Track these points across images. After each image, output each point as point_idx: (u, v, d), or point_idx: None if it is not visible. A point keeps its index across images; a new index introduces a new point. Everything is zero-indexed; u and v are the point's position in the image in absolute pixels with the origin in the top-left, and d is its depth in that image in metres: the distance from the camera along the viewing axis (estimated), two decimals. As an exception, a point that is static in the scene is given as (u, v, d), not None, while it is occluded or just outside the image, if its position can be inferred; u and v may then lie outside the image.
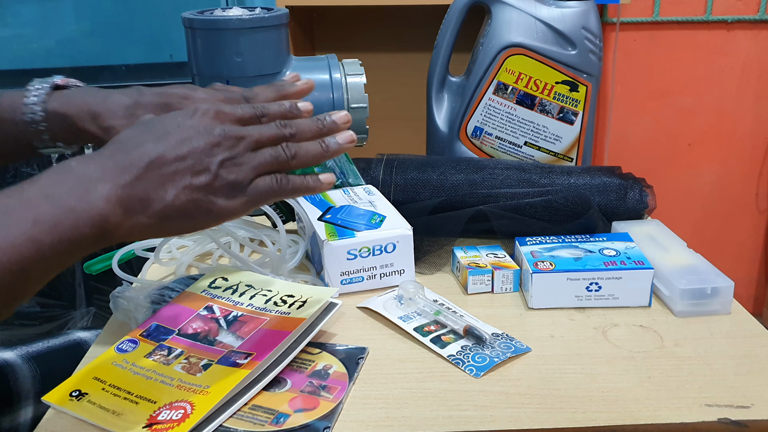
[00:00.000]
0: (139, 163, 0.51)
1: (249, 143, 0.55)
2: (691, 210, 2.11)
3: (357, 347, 0.66)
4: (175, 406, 0.56)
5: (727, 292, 0.71)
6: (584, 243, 0.78)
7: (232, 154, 0.54)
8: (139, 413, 0.56)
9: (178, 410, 0.55)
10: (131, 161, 0.51)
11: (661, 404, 0.58)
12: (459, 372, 0.63)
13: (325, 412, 0.57)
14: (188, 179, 0.52)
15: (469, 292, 0.77)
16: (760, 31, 1.94)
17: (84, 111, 0.64)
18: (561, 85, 1.02)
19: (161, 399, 0.57)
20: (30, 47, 1.85)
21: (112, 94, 0.65)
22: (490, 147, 1.06)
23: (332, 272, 0.75)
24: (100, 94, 0.65)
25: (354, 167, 0.87)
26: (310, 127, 0.58)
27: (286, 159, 0.56)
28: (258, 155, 0.55)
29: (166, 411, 0.55)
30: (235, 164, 0.54)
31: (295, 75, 0.69)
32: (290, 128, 0.57)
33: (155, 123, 0.55)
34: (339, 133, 0.59)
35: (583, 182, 0.88)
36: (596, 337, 0.68)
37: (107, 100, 0.65)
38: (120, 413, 0.56)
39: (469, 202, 0.87)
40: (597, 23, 1.02)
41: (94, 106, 0.64)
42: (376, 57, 1.87)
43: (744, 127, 2.03)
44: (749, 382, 0.61)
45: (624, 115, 2.00)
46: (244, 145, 0.55)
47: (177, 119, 0.54)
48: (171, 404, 0.56)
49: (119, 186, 0.50)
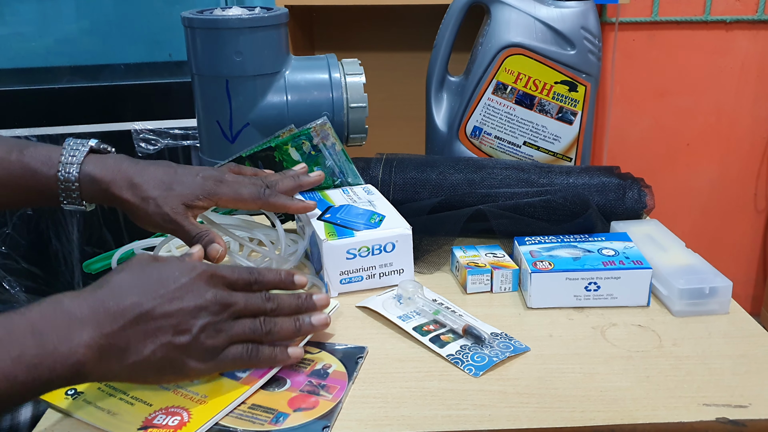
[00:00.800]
0: (128, 315, 0.53)
1: (232, 312, 0.58)
2: (690, 210, 2.11)
3: (356, 346, 0.66)
4: (171, 411, 0.56)
5: (726, 292, 0.72)
6: (583, 243, 0.78)
7: (215, 320, 0.56)
8: (135, 414, 0.56)
9: (174, 416, 0.55)
10: (121, 311, 0.53)
11: (659, 404, 0.58)
12: (458, 371, 0.63)
13: (324, 412, 0.57)
14: (169, 337, 0.54)
15: (468, 291, 0.77)
16: (759, 31, 1.94)
17: (122, 179, 0.69)
18: (560, 85, 1.02)
19: (157, 402, 0.57)
20: (29, 46, 1.85)
21: (149, 167, 0.71)
22: (489, 147, 1.07)
23: (331, 271, 0.75)
24: (137, 165, 0.71)
25: (353, 166, 0.87)
26: (290, 304, 0.62)
27: (261, 334, 0.59)
28: (237, 325, 0.58)
29: (162, 415, 0.56)
30: (215, 330, 0.56)
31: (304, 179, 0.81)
32: (272, 303, 0.61)
33: (152, 273, 0.57)
34: (315, 314, 0.63)
35: (581, 182, 0.88)
36: (595, 337, 0.68)
37: (145, 171, 0.70)
38: (115, 413, 0.56)
39: (468, 201, 0.87)
40: (596, 23, 1.02)
41: (133, 176, 0.69)
42: (376, 56, 1.87)
43: (742, 127, 2.03)
44: (747, 381, 0.61)
45: (623, 115, 2.01)
46: (227, 313, 0.57)
47: (174, 274, 0.57)
48: (167, 408, 0.56)
49: (103, 334, 0.52)
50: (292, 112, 0.95)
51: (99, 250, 1.73)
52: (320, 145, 0.83)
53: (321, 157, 0.84)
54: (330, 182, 0.87)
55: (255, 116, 0.94)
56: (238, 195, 0.73)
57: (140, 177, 0.69)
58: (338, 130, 0.95)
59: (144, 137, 1.65)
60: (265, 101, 0.94)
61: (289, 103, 0.94)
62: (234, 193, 0.73)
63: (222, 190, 0.72)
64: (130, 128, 1.65)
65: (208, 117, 0.96)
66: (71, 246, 1.74)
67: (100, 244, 1.74)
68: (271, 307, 0.60)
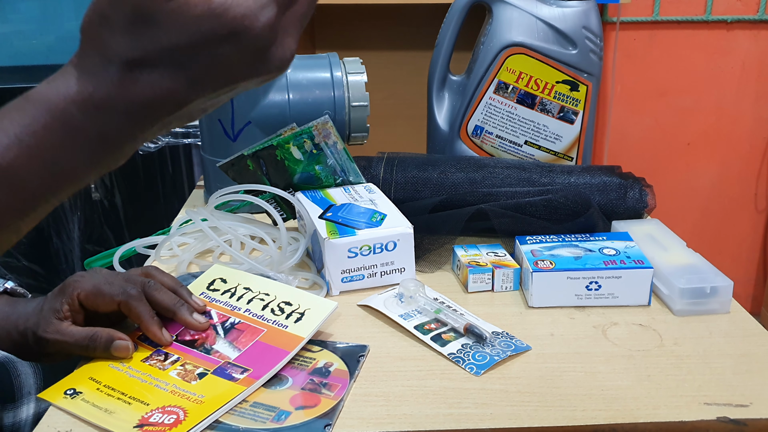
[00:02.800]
0: None
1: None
2: (691, 209, 2.11)
3: (358, 345, 0.66)
4: (167, 410, 0.56)
5: (726, 292, 0.72)
6: (584, 242, 0.79)
7: None
8: (132, 413, 0.56)
9: (170, 415, 0.56)
10: None
11: (660, 403, 0.58)
12: (459, 370, 0.63)
13: (326, 410, 0.57)
14: None
15: (469, 290, 0.77)
16: (760, 31, 1.94)
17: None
18: (561, 85, 1.02)
19: (154, 402, 0.57)
20: (30, 44, 1.85)
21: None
22: (490, 146, 1.07)
23: (333, 270, 0.75)
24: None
25: (355, 165, 0.87)
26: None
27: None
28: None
29: (159, 414, 0.56)
30: None
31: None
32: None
33: None
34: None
35: (583, 181, 0.88)
36: (596, 336, 0.68)
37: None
38: (112, 412, 0.56)
39: (469, 200, 0.87)
40: (597, 23, 1.02)
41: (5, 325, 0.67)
42: (377, 55, 1.87)
43: (743, 127, 2.03)
44: (748, 380, 0.61)
45: (624, 115, 2.01)
46: None
47: None
48: (164, 408, 0.56)
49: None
50: (293, 111, 0.95)
51: (100, 248, 1.73)
52: (322, 143, 0.83)
53: (322, 155, 0.84)
54: (331, 181, 0.87)
55: (257, 115, 0.94)
56: (96, 289, 0.64)
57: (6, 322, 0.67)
58: (340, 129, 0.95)
59: (145, 135, 1.65)
60: (267, 100, 0.94)
61: (291, 102, 0.95)
62: (92, 287, 0.65)
63: (79, 284, 0.65)
64: (131, 126, 1.65)
65: (209, 115, 0.96)
66: (72, 244, 1.75)
67: (101, 242, 1.74)
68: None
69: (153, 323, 0.64)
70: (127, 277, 0.66)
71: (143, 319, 0.64)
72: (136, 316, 0.64)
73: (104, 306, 0.64)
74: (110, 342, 0.63)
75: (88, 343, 0.62)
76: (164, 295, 0.66)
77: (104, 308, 0.64)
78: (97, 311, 0.64)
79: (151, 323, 0.64)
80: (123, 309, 0.64)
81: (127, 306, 0.64)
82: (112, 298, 0.63)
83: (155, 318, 0.65)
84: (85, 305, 0.64)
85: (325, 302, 0.69)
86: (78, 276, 0.65)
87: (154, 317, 0.64)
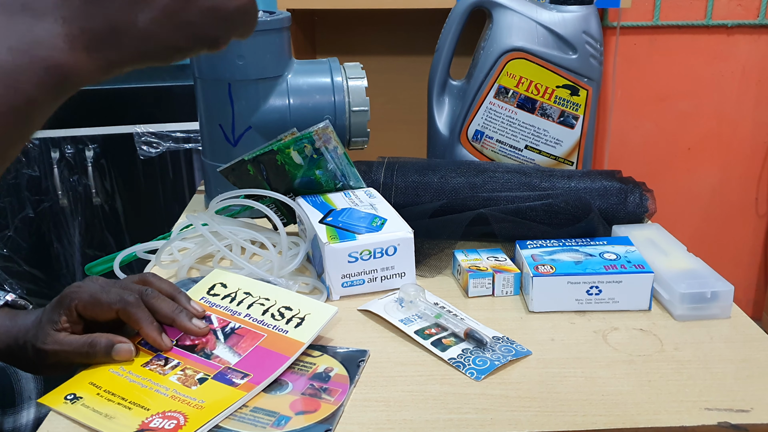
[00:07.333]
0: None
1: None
2: (691, 214, 2.11)
3: (358, 350, 0.66)
4: (168, 415, 0.56)
5: (727, 296, 0.72)
6: (585, 247, 0.79)
7: None
8: (132, 418, 0.56)
9: (171, 420, 0.55)
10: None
11: (661, 408, 0.58)
12: (460, 375, 0.63)
13: (326, 415, 0.57)
14: None
15: (469, 295, 0.77)
16: (760, 35, 1.94)
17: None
18: (561, 89, 1.02)
19: (154, 407, 0.57)
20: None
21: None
22: (490, 150, 1.07)
23: (333, 275, 0.75)
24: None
25: (355, 170, 0.87)
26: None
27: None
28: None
29: (159, 419, 0.56)
30: None
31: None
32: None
33: None
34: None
35: (583, 186, 0.88)
36: (596, 341, 0.68)
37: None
38: (112, 417, 0.56)
39: (469, 205, 0.87)
40: (598, 28, 1.03)
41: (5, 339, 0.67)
42: (378, 60, 1.87)
43: (744, 132, 2.03)
44: (749, 386, 0.61)
45: (624, 119, 2.01)
46: None
47: None
48: (164, 413, 0.56)
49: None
50: (294, 116, 0.95)
51: (100, 253, 1.73)
52: (322, 148, 0.83)
53: (323, 160, 0.84)
54: (332, 185, 0.87)
55: (257, 120, 0.95)
56: (94, 298, 0.64)
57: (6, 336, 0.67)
58: (340, 134, 0.95)
59: (146, 140, 1.65)
60: (268, 105, 0.94)
61: (291, 107, 0.95)
62: (89, 297, 0.64)
63: (76, 295, 0.65)
64: (132, 131, 1.66)
65: (210, 120, 0.97)
66: (72, 249, 1.75)
67: (101, 247, 1.74)
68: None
69: (152, 328, 0.64)
70: (124, 285, 0.66)
71: (142, 324, 0.64)
72: (135, 322, 0.64)
73: (102, 315, 0.64)
74: (110, 346, 0.62)
75: (87, 349, 0.62)
76: (162, 303, 0.65)
77: (102, 317, 0.64)
78: (95, 320, 0.64)
79: (151, 328, 0.64)
80: (122, 316, 0.64)
81: (126, 312, 0.63)
82: (110, 306, 0.63)
83: (154, 323, 0.64)
84: (83, 315, 0.64)
85: (325, 307, 0.69)
86: (75, 287, 0.65)
87: (153, 322, 0.64)
